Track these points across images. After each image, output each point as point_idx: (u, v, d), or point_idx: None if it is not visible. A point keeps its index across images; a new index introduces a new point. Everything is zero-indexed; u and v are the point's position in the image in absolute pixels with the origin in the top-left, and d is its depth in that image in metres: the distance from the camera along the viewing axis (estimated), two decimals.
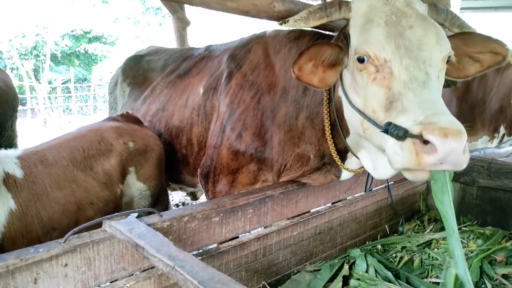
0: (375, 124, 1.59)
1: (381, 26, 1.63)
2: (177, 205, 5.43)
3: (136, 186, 2.42)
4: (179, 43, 6.54)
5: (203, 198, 4.06)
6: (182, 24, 6.45)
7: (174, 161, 2.92)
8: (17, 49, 20.14)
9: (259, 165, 2.48)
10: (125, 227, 1.52)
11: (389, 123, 1.49)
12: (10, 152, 2.01)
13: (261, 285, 2.14)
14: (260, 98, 2.47)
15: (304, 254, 2.34)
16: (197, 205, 1.96)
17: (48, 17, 20.45)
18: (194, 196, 3.46)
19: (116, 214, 1.67)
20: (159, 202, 2.68)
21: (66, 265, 1.45)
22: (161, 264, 1.25)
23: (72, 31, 21.50)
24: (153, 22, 27.70)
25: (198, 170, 2.78)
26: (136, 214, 1.74)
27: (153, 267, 1.67)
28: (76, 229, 1.53)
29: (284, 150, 2.43)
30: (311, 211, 2.49)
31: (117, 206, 2.26)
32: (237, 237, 2.10)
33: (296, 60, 1.74)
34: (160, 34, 27.83)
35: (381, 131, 1.53)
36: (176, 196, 5.97)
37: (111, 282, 1.58)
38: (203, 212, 1.86)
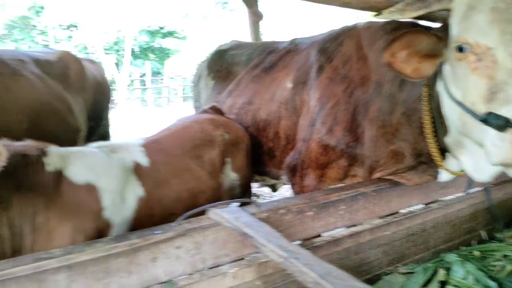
0: (474, 115, 1.49)
1: (483, 12, 1.51)
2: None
3: (231, 177, 2.50)
4: (253, 36, 6.61)
5: (281, 190, 4.11)
6: (256, 18, 6.51)
7: (260, 154, 2.97)
8: (100, 44, 21.98)
9: (350, 161, 2.43)
10: (230, 215, 1.58)
11: (489, 113, 1.40)
12: (134, 141, 2.18)
13: None
14: (352, 91, 2.41)
15: (395, 255, 2.26)
16: (290, 199, 1.98)
17: (128, 14, 21.97)
18: (273, 188, 3.50)
19: (218, 202, 1.75)
20: (246, 193, 2.75)
21: (179, 247, 1.55)
22: (273, 254, 1.28)
23: (148, 27, 22.87)
24: (221, 16, 28.47)
25: (285, 163, 2.80)
26: (237, 204, 1.79)
27: (253, 255, 1.73)
28: (185, 214, 1.64)
29: (376, 146, 2.35)
30: (403, 211, 2.39)
31: (219, 195, 2.36)
32: (319, 235, 2.08)
33: (389, 45, 1.67)
34: (227, 28, 28.54)
35: (479, 120, 1.45)
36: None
37: (215, 267, 1.66)
38: (297, 205, 1.88)
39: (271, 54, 3.14)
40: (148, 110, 20.02)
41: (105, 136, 4.14)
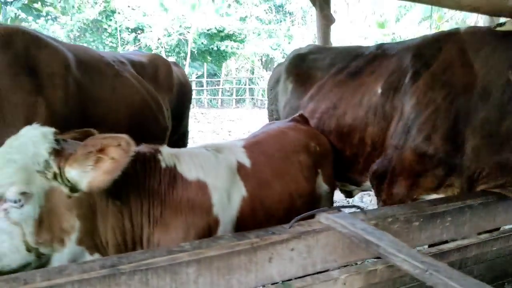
0: None
1: None
2: None
3: (323, 188, 2.49)
4: (323, 41, 6.55)
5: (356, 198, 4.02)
6: (327, 21, 6.46)
7: (342, 160, 2.94)
8: (163, 47, 23.08)
9: (447, 170, 2.33)
10: (345, 221, 1.58)
11: None
12: (235, 142, 2.26)
13: None
14: (454, 99, 2.31)
15: (500, 272, 2.13)
16: (397, 207, 1.93)
17: (189, 18, 22.84)
18: (350, 195, 3.44)
19: (326, 208, 1.75)
20: (332, 204, 2.72)
21: (292, 249, 1.57)
22: (406, 264, 1.26)
23: (207, 30, 23.60)
24: (277, 19, 28.63)
25: (371, 170, 2.75)
26: (347, 210, 1.78)
27: (361, 263, 1.71)
28: (298, 217, 1.66)
29: (479, 157, 2.24)
30: (507, 227, 2.25)
31: (314, 202, 2.37)
32: None
33: None
34: (283, 31, 28.61)
35: None
36: None
37: (323, 272, 1.66)
38: (405, 214, 1.83)
39: (357, 59, 3.09)
40: (203, 111, 20.63)
41: (184, 135, 4.32)
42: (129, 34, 23.56)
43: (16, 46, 2.16)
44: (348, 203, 4.60)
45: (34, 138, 1.44)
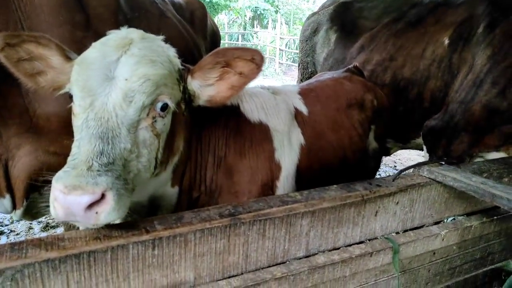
0: None
1: None
2: None
3: (372, 146, 2.35)
4: None
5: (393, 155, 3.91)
6: None
7: (393, 115, 2.81)
8: None
9: None
10: (457, 174, 1.47)
11: None
12: (290, 87, 2.08)
13: None
14: None
15: None
16: (488, 163, 1.82)
17: None
18: (387, 152, 3.35)
19: (427, 161, 1.64)
20: (379, 163, 2.59)
21: (397, 203, 1.47)
22: None
23: None
24: None
25: (426, 125, 2.63)
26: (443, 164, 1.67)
27: (457, 219, 1.63)
28: (402, 169, 1.54)
29: None
30: None
31: (365, 159, 2.24)
32: None
33: None
34: None
35: None
36: None
37: (414, 229, 1.57)
38: (497, 170, 1.74)
39: (416, 8, 2.88)
40: None
41: None
42: None
43: None
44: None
45: (159, 42, 1.25)
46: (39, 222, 3.65)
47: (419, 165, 1.60)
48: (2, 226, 3.56)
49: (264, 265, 1.23)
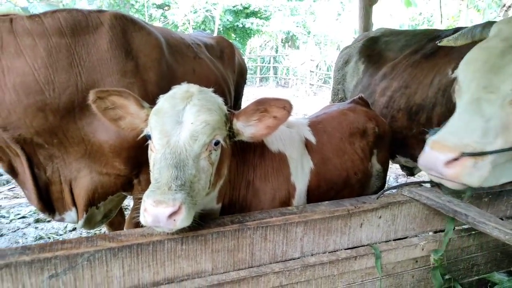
0: None
1: None
2: None
3: (376, 167, 2.66)
4: (364, 20, 6.59)
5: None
6: (370, 1, 6.47)
7: (408, 137, 3.08)
8: (190, 23, 23.11)
9: None
10: (430, 194, 1.77)
11: None
12: (301, 120, 2.45)
13: None
14: None
15: None
16: None
17: None
18: (411, 172, 3.61)
19: (409, 182, 1.94)
20: (384, 183, 2.88)
21: (380, 217, 1.78)
22: (497, 232, 1.44)
23: (233, 7, 23.46)
24: None
25: None
26: (426, 185, 1.96)
27: (438, 232, 1.91)
28: (384, 190, 1.86)
29: None
30: None
31: (368, 180, 2.55)
32: None
33: None
34: (305, 8, 28.09)
35: None
36: None
37: (397, 240, 1.86)
38: (476, 191, 2.00)
39: (433, 41, 3.20)
40: None
41: None
42: (156, 10, 23.64)
43: (115, 30, 2.26)
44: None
45: (211, 94, 1.65)
46: (88, 233, 4.18)
47: (402, 185, 1.91)
48: (57, 235, 4.12)
49: (266, 262, 1.59)
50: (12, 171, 2.29)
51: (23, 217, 4.66)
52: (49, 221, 4.56)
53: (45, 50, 2.06)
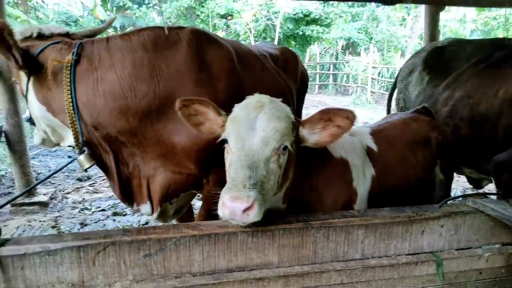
0: None
1: None
2: None
3: (439, 177, 2.63)
4: (430, 27, 6.39)
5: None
6: (437, 7, 6.27)
7: (472, 147, 3.02)
8: (251, 31, 23.76)
9: None
10: (496, 205, 1.77)
11: None
12: (364, 129, 2.53)
13: None
14: None
15: None
16: None
17: (277, 2, 23.07)
18: (477, 185, 3.50)
19: (473, 193, 1.94)
20: (448, 193, 2.83)
21: (442, 226, 1.81)
22: None
23: (294, 15, 23.67)
24: (360, 3, 27.42)
25: (494, 159, 2.81)
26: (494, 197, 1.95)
27: (505, 245, 1.89)
28: (448, 199, 1.88)
29: None
30: None
31: (430, 190, 2.55)
32: None
33: None
34: (367, 14, 27.41)
35: None
36: None
37: (460, 249, 1.87)
38: None
39: (500, 51, 3.12)
40: None
41: None
42: (219, 20, 24.65)
43: (191, 45, 2.50)
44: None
45: (280, 103, 1.81)
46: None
47: (466, 196, 1.91)
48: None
49: (328, 260, 1.70)
50: (103, 165, 2.65)
51: (103, 210, 5.20)
52: (124, 215, 5.04)
53: (130, 63, 2.38)
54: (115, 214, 5.06)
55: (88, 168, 2.53)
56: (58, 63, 2.24)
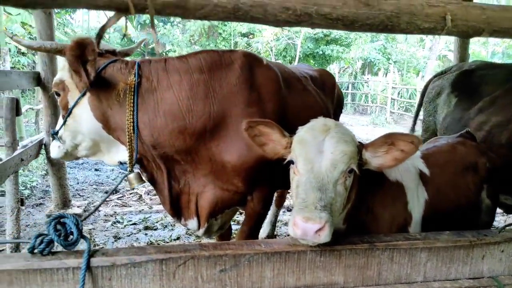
0: None
1: None
2: None
3: (485, 203, 2.62)
4: (460, 51, 6.42)
5: None
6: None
7: (510, 172, 3.01)
8: (272, 50, 24.18)
9: None
10: None
11: None
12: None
13: None
14: None
15: None
16: None
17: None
18: (508, 209, 3.46)
19: None
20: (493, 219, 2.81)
21: (502, 251, 1.83)
22: None
23: (314, 34, 23.99)
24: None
25: None
26: None
27: None
28: (508, 224, 1.90)
29: None
30: None
31: (478, 215, 2.55)
32: None
33: None
34: (385, 34, 27.53)
35: None
36: None
37: None
38: None
39: None
40: None
41: None
42: (241, 39, 25.17)
43: (243, 67, 2.62)
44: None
45: (345, 127, 1.88)
46: (190, 241, 4.62)
47: None
48: (164, 242, 4.62)
49: (391, 282, 1.73)
50: (152, 180, 2.74)
51: (134, 223, 5.30)
52: (155, 229, 5.13)
53: (188, 84, 2.49)
54: (146, 228, 5.15)
55: (135, 187, 2.63)
56: (125, 85, 2.34)
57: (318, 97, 3.44)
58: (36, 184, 7.09)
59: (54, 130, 2.60)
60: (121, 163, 2.61)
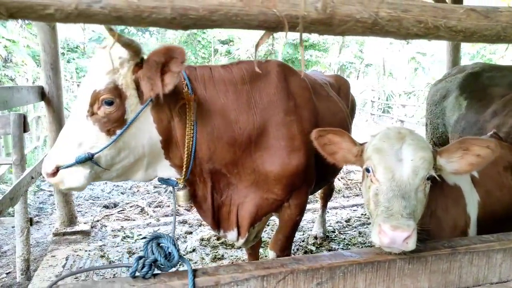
0: None
1: None
2: None
3: None
4: (453, 54, 6.67)
5: None
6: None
7: None
8: (251, 57, 24.26)
9: None
10: None
11: None
12: None
13: None
14: None
15: None
16: None
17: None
18: None
19: None
20: None
21: None
22: None
23: (293, 40, 24.29)
24: None
25: None
26: None
27: None
28: None
29: None
30: None
31: None
32: None
33: None
34: (356, 38, 28.21)
35: None
36: None
37: None
38: None
39: None
40: None
41: None
42: (221, 46, 25.15)
43: (280, 76, 2.62)
44: None
45: (418, 134, 1.87)
46: (207, 254, 4.53)
47: None
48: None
49: (470, 285, 1.76)
50: (193, 194, 2.68)
51: (145, 237, 5.15)
52: None
53: (233, 94, 2.46)
54: None
55: (181, 204, 2.55)
56: (188, 98, 2.23)
57: (340, 103, 3.48)
58: (29, 202, 6.79)
59: (90, 153, 1.98)
60: (163, 179, 2.52)
